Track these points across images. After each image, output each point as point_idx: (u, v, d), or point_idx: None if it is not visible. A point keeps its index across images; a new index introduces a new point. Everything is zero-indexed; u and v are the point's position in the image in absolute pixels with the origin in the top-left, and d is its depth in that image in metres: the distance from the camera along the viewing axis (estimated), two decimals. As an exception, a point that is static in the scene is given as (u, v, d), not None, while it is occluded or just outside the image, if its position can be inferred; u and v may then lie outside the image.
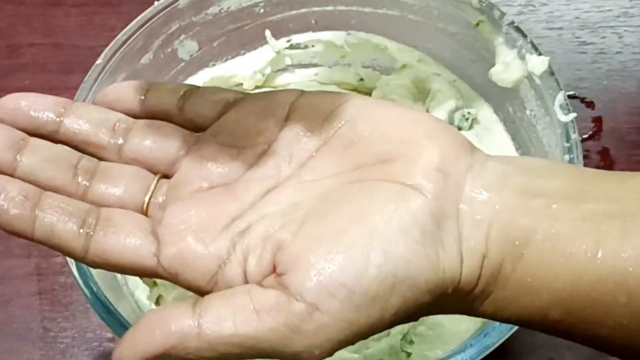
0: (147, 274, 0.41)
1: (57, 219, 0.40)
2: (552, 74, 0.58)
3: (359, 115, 0.42)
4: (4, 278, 0.67)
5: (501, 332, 0.50)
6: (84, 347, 0.64)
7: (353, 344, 0.38)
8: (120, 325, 0.51)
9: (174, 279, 0.40)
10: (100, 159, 0.43)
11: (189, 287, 0.40)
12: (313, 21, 0.67)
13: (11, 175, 0.41)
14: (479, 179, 0.39)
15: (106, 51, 0.60)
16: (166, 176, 0.43)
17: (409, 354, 0.57)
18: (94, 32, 0.78)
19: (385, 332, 0.57)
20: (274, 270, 0.39)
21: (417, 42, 0.67)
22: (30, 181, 0.41)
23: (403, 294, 0.37)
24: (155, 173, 0.43)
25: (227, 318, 0.38)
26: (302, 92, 0.44)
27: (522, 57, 0.59)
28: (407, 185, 0.39)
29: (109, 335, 0.64)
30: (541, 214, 0.38)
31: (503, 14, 0.60)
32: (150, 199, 0.42)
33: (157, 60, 0.63)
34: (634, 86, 0.74)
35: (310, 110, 0.42)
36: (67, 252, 0.41)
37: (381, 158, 0.40)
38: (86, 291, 0.52)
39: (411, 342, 0.57)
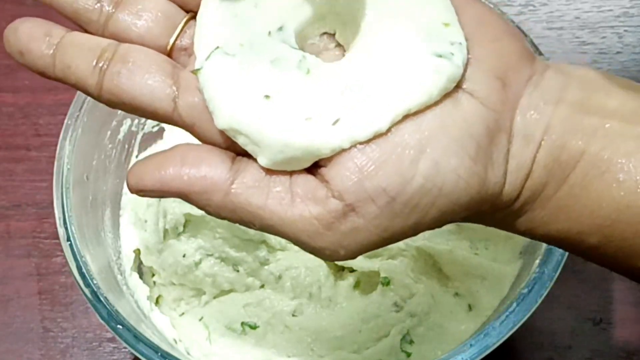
0: (161, 118, 0.38)
1: (75, 55, 0.38)
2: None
3: None
4: (4, 278, 0.66)
5: (501, 332, 0.50)
6: (84, 347, 0.64)
7: (377, 248, 0.37)
8: (120, 325, 0.51)
9: (190, 129, 0.38)
10: None
11: (204, 140, 0.38)
12: None
13: None
14: (537, 90, 0.37)
15: (106, 51, 0.59)
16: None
17: (409, 354, 0.57)
18: (94, 32, 0.78)
19: (385, 332, 0.57)
20: None
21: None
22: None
23: (443, 209, 0.36)
24: (186, 11, 0.40)
25: (261, 187, 0.36)
26: None
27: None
28: (464, 89, 0.36)
29: (109, 335, 0.64)
30: (594, 134, 0.36)
31: (503, 14, 0.60)
32: (175, 40, 0.39)
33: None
34: (634, 86, 0.74)
35: None
36: (83, 89, 0.39)
37: None
38: (86, 291, 0.52)
39: (411, 342, 0.57)
